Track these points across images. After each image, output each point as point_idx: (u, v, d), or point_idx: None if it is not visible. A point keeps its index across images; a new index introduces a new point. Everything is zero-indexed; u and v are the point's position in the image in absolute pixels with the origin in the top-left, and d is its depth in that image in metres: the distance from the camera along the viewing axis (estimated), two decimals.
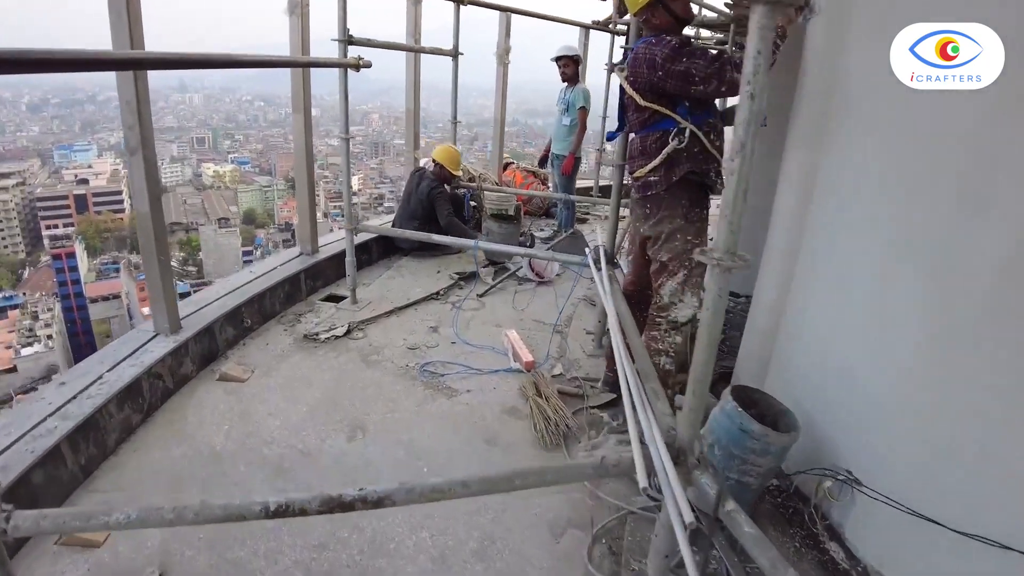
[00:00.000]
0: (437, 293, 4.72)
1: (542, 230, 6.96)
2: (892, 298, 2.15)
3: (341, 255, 4.52)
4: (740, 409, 2.26)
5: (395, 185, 74.27)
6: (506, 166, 8.01)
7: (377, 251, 5.50)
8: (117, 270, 48.92)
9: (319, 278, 4.75)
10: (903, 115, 2.05)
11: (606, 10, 7.65)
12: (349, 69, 3.66)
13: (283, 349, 3.76)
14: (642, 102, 2.70)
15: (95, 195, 59.34)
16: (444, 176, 5.66)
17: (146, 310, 40.94)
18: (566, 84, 5.97)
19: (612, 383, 3.31)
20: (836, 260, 2.43)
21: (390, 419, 3.05)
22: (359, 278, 4.90)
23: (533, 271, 5.06)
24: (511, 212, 5.99)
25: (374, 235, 5.39)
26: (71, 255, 44.15)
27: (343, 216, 4.22)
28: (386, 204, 71.69)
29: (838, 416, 2.41)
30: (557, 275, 5.18)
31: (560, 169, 6.21)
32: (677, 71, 2.53)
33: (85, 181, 62.10)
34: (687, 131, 2.66)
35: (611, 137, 3.25)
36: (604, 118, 7.57)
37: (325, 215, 64.95)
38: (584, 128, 5.91)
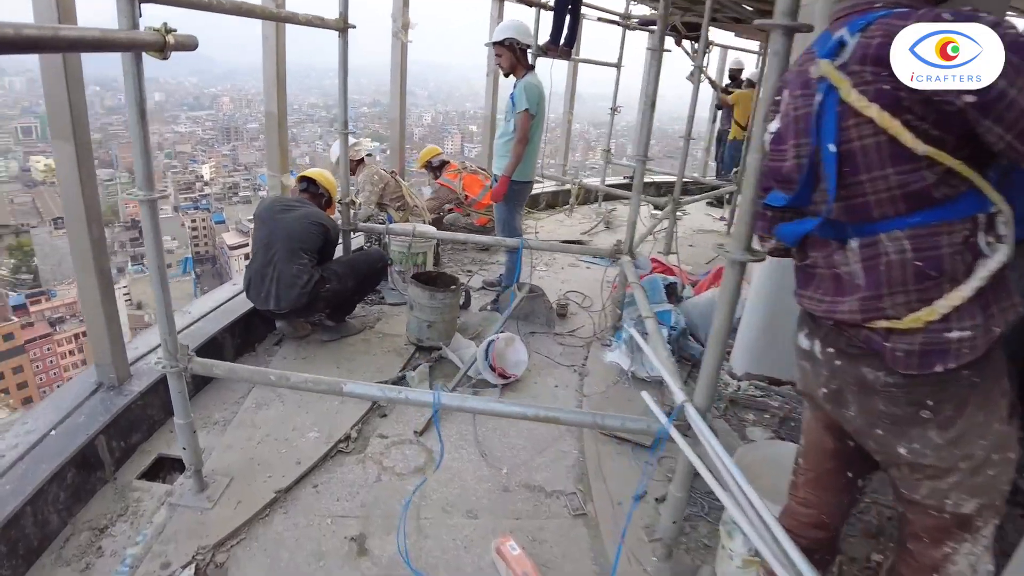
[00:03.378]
0: (346, 438, 2.81)
1: (471, 274, 5.13)
2: None
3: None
4: None
5: (250, 172, 68.35)
6: (441, 166, 6.00)
7: (233, 341, 3.45)
8: None
9: (136, 429, 2.69)
10: None
11: None
12: (148, 54, 1.67)
13: None
14: (922, 147, 1.10)
15: None
16: (323, 206, 3.75)
17: None
18: (512, 78, 4.10)
19: None
20: None
21: None
22: (204, 409, 2.92)
23: (494, 369, 3.27)
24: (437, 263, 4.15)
25: (236, 318, 3.37)
26: None
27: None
28: (241, 193, 66.12)
29: None
30: (528, 367, 3.42)
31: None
32: None
33: None
34: (1001, 221, 1.16)
35: (774, 202, 1.49)
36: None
37: (175, 209, 58.50)
38: (524, 138, 3.96)
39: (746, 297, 3.97)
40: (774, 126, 1.39)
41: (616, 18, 6.92)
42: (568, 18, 6.24)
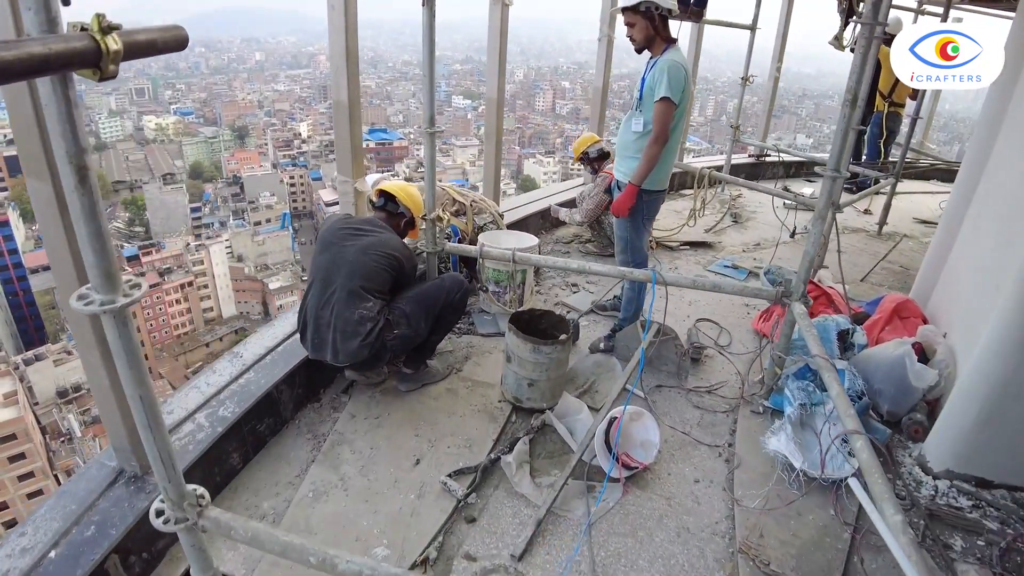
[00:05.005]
0: (424, 560, 2.12)
1: (576, 289, 4.31)
2: None
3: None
4: None
5: None
6: (601, 157, 4.86)
7: (292, 393, 2.82)
8: None
9: (160, 535, 2.12)
10: None
11: None
12: (78, 74, 0.94)
13: None
14: None
15: None
16: (403, 229, 3.06)
17: None
18: (648, 54, 3.17)
19: None
20: None
21: None
22: (252, 494, 2.33)
23: (618, 460, 2.49)
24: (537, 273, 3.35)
25: (286, 371, 2.75)
26: (4, 223, 39.86)
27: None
28: None
29: None
30: (659, 450, 2.61)
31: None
32: None
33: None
34: None
35: None
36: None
37: (274, 166, 60.30)
38: (664, 135, 2.97)
39: (945, 361, 2.98)
40: None
41: None
42: None
